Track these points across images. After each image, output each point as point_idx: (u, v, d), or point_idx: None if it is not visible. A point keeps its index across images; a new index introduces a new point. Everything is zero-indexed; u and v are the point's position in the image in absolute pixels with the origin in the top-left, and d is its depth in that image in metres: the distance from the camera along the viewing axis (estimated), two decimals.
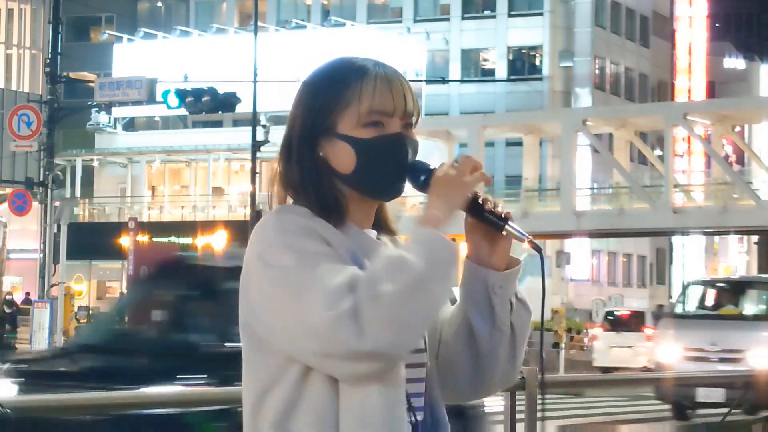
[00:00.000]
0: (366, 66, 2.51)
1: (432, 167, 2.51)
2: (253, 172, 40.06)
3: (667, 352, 18.72)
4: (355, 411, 2.33)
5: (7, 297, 41.11)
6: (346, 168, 2.46)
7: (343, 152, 2.46)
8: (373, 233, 2.54)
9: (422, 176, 2.50)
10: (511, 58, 64.68)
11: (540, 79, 63.55)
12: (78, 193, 58.04)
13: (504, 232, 2.53)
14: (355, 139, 2.45)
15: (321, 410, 2.34)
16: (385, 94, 2.47)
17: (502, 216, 2.53)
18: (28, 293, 43.22)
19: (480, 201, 2.52)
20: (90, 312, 48.98)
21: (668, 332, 19.36)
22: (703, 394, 16.77)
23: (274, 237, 2.38)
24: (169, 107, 32.89)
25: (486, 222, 2.53)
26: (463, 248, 2.75)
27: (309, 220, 2.41)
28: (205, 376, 7.69)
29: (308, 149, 2.48)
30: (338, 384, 2.34)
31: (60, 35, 35.27)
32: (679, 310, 20.70)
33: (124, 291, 43.71)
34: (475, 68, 65.77)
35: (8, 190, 37.25)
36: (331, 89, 2.47)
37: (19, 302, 40.93)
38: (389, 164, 2.46)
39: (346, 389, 2.34)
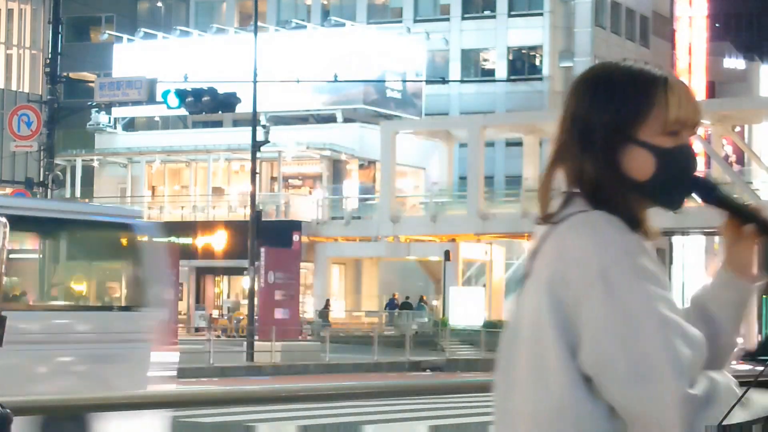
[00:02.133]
0: (664, 74, 2.48)
1: (717, 183, 2.50)
2: (253, 172, 40.05)
3: None
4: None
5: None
6: (642, 175, 2.43)
7: (642, 159, 2.43)
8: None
9: (713, 191, 2.48)
10: (511, 58, 64.70)
11: (540, 79, 63.58)
12: (78, 193, 58.05)
13: None
14: (658, 148, 2.42)
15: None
16: (690, 104, 2.46)
17: None
18: None
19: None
20: None
21: None
22: None
23: (620, 256, 2.33)
24: (169, 107, 32.90)
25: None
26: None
27: (642, 241, 2.40)
28: None
29: (607, 153, 2.43)
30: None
31: (60, 35, 35.29)
32: None
33: None
34: (475, 68, 65.79)
35: (8, 190, 37.27)
36: (637, 94, 2.43)
37: None
38: (684, 175, 2.45)
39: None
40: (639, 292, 2.30)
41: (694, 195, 2.48)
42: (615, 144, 2.43)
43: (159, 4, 69.51)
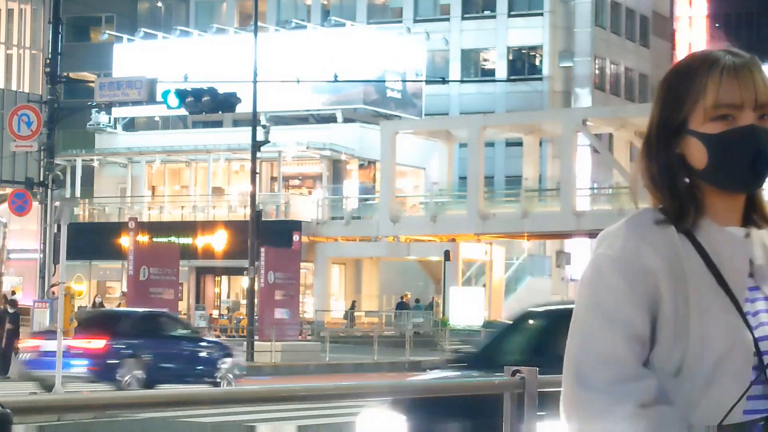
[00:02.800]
0: (716, 57, 2.45)
1: None
2: (253, 172, 40.04)
3: None
4: None
5: (12, 297, 41.08)
6: (699, 163, 2.43)
7: (695, 148, 2.43)
8: (739, 231, 2.47)
9: None
10: (511, 58, 64.69)
11: (540, 79, 63.57)
12: (78, 193, 58.03)
13: None
14: (704, 135, 2.42)
15: None
16: (732, 86, 2.42)
17: None
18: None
19: None
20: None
21: None
22: None
23: (597, 258, 2.42)
24: (169, 107, 32.89)
25: None
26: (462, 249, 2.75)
27: (642, 243, 2.39)
28: None
29: (665, 146, 2.46)
30: None
31: (60, 35, 35.29)
32: None
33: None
34: (475, 68, 65.77)
35: (8, 190, 37.24)
36: (681, 85, 2.45)
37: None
38: (741, 158, 2.40)
39: None
40: (588, 298, 2.39)
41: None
42: (669, 138, 2.46)
43: (159, 4, 69.50)
